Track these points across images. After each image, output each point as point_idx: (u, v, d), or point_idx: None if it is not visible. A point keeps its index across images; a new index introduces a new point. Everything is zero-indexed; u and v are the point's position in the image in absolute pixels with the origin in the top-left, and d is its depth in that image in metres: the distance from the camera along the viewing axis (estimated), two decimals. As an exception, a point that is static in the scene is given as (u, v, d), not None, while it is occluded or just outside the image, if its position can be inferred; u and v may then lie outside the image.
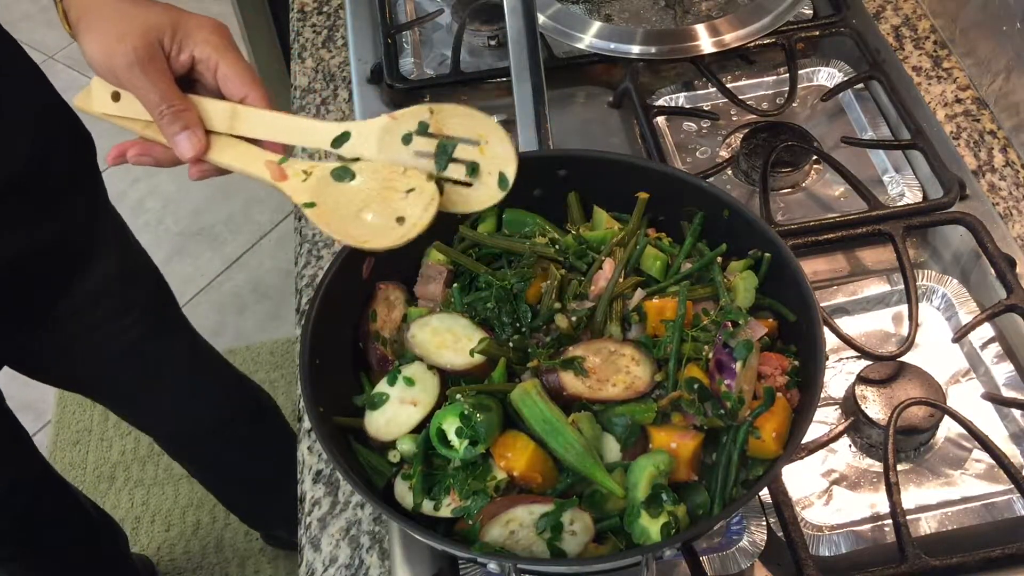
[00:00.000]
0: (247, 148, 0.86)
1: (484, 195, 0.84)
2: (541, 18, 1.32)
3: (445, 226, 1.02)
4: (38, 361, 1.48)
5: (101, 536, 1.97)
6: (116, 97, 0.87)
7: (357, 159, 0.85)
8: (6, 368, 1.39)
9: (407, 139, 0.84)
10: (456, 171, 0.83)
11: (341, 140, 0.85)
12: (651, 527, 0.82)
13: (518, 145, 0.83)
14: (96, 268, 1.39)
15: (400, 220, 0.83)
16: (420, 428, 0.89)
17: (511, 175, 0.83)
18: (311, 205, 0.83)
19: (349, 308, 0.97)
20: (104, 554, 2.01)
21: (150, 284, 1.57)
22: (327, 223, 0.83)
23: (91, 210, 1.38)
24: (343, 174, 0.85)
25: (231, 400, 1.73)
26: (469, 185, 0.84)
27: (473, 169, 0.83)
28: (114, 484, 2.46)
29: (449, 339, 0.92)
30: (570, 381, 0.88)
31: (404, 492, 0.87)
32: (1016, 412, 1.02)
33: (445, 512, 0.85)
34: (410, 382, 0.90)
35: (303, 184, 0.84)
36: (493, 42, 1.42)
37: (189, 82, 0.87)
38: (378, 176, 0.84)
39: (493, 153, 0.82)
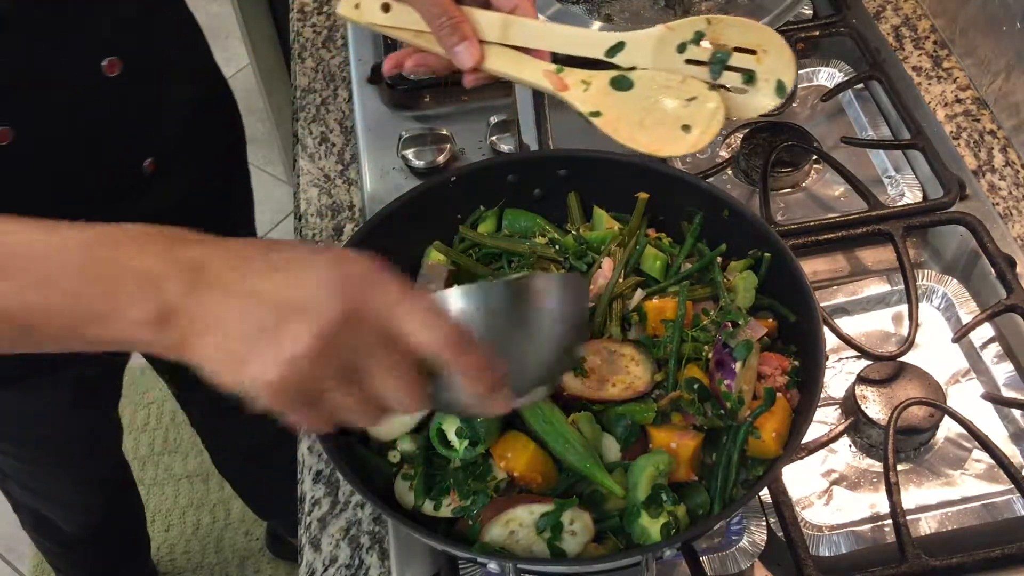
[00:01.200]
0: (521, 57, 0.87)
1: (760, 102, 0.84)
2: (541, 18, 1.32)
3: (446, 226, 1.03)
4: None
5: (145, 535, 2.06)
6: (386, 8, 0.89)
7: (632, 68, 0.85)
8: None
9: (681, 48, 0.84)
10: (730, 79, 0.83)
11: (615, 50, 0.85)
12: (651, 527, 0.82)
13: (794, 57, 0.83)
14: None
15: (686, 128, 0.83)
16: (420, 428, 0.89)
17: (789, 83, 0.82)
18: (597, 114, 0.84)
19: (349, 308, 0.96)
20: (140, 555, 2.08)
21: None
22: (615, 131, 0.84)
23: (234, 175, 1.42)
24: (621, 82, 0.85)
25: None
26: (743, 92, 0.84)
27: (749, 77, 0.83)
28: (114, 484, 2.46)
29: (449, 339, 0.92)
30: (570, 381, 0.88)
31: (404, 492, 0.87)
32: (1016, 412, 1.02)
33: (445, 512, 0.85)
34: (410, 382, 0.90)
35: (585, 94, 0.85)
36: (493, 42, 1.42)
37: None
38: (655, 84, 0.85)
39: (770, 62, 0.82)
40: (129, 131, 1.11)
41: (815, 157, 1.24)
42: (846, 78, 1.32)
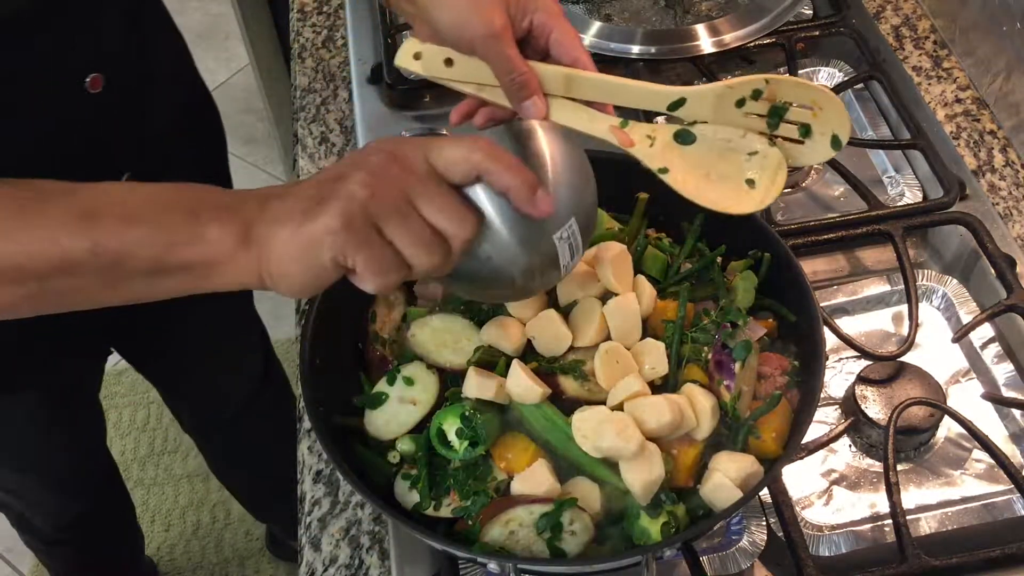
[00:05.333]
0: (584, 110, 0.87)
1: (816, 152, 0.84)
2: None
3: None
4: (136, 333, 1.50)
5: (136, 532, 2.03)
6: (449, 63, 0.89)
7: (693, 123, 0.86)
8: None
9: (740, 103, 0.84)
10: (787, 131, 0.84)
11: (677, 105, 0.85)
12: (651, 527, 0.82)
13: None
14: None
15: (750, 183, 0.83)
16: (420, 428, 0.89)
17: (844, 137, 0.83)
18: (664, 171, 0.84)
19: (349, 308, 0.97)
20: (131, 551, 2.06)
21: None
22: (683, 187, 0.84)
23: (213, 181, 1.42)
24: (685, 136, 0.85)
25: (267, 373, 1.74)
26: (800, 144, 0.84)
27: (805, 131, 0.83)
28: (114, 484, 2.46)
29: (449, 339, 0.92)
30: (569, 385, 0.88)
31: (404, 492, 0.87)
32: (1016, 412, 1.02)
33: (445, 512, 0.85)
34: (409, 381, 0.90)
35: (651, 149, 0.85)
36: (493, 42, 1.42)
37: (520, 46, 0.88)
38: (718, 138, 0.85)
39: (826, 118, 0.83)
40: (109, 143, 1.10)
41: (815, 157, 1.24)
42: (846, 78, 1.32)
